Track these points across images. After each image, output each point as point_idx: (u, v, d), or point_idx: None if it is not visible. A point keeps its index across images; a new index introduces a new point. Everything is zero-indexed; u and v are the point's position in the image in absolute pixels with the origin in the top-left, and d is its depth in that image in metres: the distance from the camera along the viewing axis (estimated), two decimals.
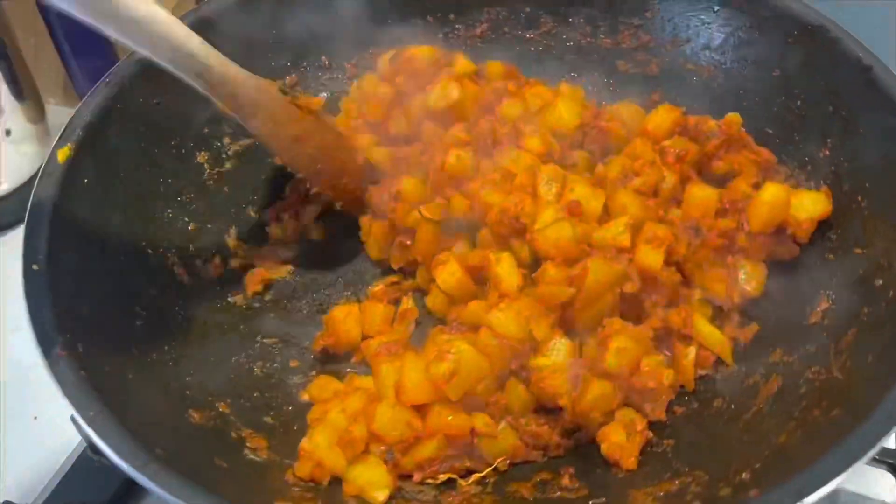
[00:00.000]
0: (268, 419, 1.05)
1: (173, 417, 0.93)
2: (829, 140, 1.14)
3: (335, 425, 0.97)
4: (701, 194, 1.12)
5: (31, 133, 1.56)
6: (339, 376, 1.13)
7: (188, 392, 1.00)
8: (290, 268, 1.28)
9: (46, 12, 1.51)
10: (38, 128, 1.56)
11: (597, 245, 1.04)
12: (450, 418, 0.96)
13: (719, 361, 1.08)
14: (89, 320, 0.93)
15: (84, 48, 1.55)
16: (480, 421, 0.98)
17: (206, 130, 1.28)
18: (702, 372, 1.07)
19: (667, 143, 1.15)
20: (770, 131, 1.23)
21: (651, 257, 1.04)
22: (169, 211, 1.19)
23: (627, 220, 1.04)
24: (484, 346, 0.98)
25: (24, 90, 1.51)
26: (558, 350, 0.98)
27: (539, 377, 0.97)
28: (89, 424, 0.79)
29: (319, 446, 0.95)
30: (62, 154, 1.05)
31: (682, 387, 1.06)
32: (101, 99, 1.13)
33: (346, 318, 1.15)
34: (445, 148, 1.15)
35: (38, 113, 1.57)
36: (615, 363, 0.98)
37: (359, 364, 1.15)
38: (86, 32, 1.56)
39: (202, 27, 1.23)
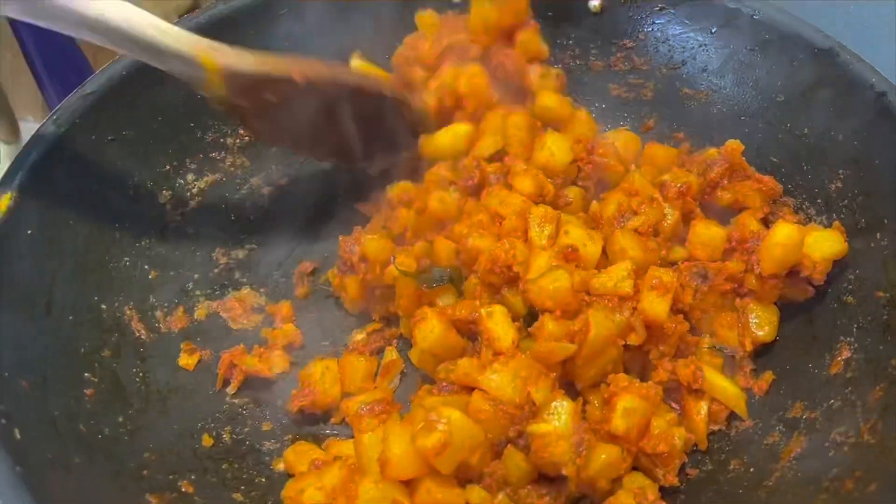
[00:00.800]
0: (237, 496, 0.94)
1: None
2: (840, 171, 1.06)
3: None
4: (707, 233, 1.04)
5: (5, 153, 1.47)
6: (318, 440, 1.03)
7: (145, 472, 0.89)
8: (261, 317, 1.17)
9: (16, 26, 1.40)
10: (11, 148, 1.47)
11: (597, 293, 0.95)
12: (440, 495, 0.85)
13: (734, 416, 0.99)
14: (30, 398, 0.83)
15: (57, 63, 1.45)
16: (475, 495, 0.88)
17: (167, 167, 1.17)
18: (714, 427, 0.99)
19: (666, 177, 1.06)
20: (775, 160, 1.15)
21: (656, 306, 0.95)
22: (126, 259, 1.08)
23: (629, 265, 0.95)
24: (477, 412, 0.88)
25: None
26: (559, 414, 0.88)
27: (540, 444, 0.87)
28: None
29: None
30: (1, 204, 0.94)
31: (694, 445, 0.97)
32: (48, 138, 1.02)
33: (323, 376, 1.05)
34: (427, 188, 1.06)
35: (11, 132, 1.48)
36: (623, 425, 0.89)
37: (339, 425, 1.05)
38: (57, 48, 1.48)
39: None
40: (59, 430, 0.83)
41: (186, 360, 1.07)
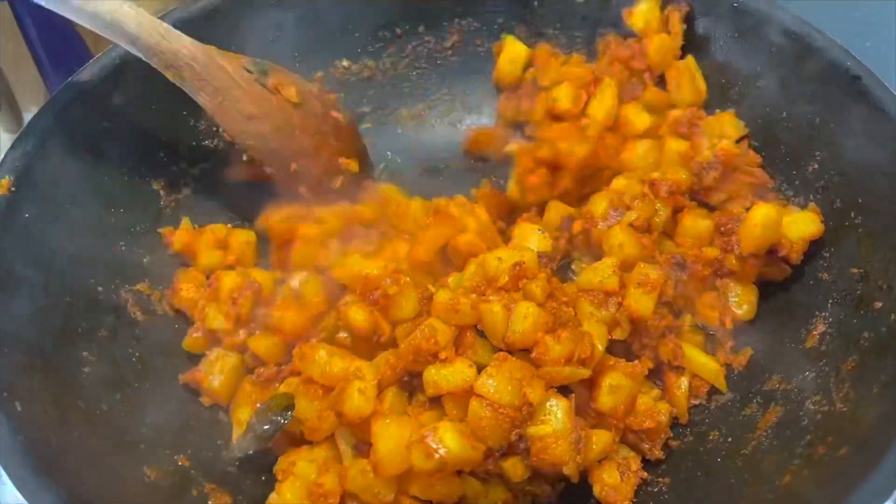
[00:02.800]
0: (232, 469, 0.97)
1: (125, 478, 0.85)
2: (817, 153, 1.09)
3: (304, 477, 0.89)
4: (695, 226, 1.06)
5: (9, 143, 1.47)
6: None
7: (143, 446, 0.91)
8: None
9: (19, 15, 1.41)
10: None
11: (583, 288, 0.97)
12: (436, 486, 0.87)
13: (714, 390, 1.02)
14: (29, 373, 0.85)
15: (59, 52, 1.45)
16: (471, 488, 0.90)
17: (161, 154, 1.20)
18: (695, 402, 1.02)
19: (656, 174, 1.07)
20: (755, 144, 1.18)
21: (642, 303, 0.96)
22: (122, 243, 1.11)
23: (615, 261, 0.97)
24: (479, 420, 0.85)
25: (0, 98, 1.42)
26: (555, 413, 0.86)
27: (540, 447, 0.86)
28: (26, 497, 0.70)
29: None
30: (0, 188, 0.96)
31: (675, 419, 1.00)
32: (44, 125, 1.05)
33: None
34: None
35: (15, 122, 1.47)
36: (609, 402, 0.91)
37: None
38: (60, 37, 1.48)
39: None
40: (59, 404, 0.86)
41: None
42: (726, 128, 1.12)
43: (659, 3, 1.23)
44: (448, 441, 0.84)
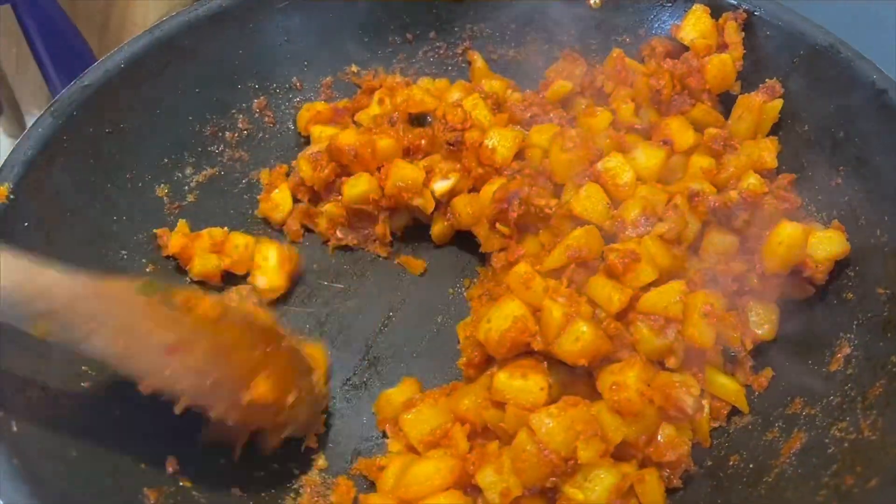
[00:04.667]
0: (237, 490, 0.94)
1: (124, 500, 0.82)
2: (841, 168, 1.06)
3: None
4: (723, 242, 1.02)
5: (10, 147, 1.46)
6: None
7: (143, 465, 0.88)
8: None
9: (21, 18, 1.39)
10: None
11: (644, 311, 0.92)
12: None
13: (733, 413, 0.99)
14: (25, 390, 0.82)
15: (62, 56, 1.43)
16: None
17: (165, 161, 1.17)
18: (715, 424, 0.98)
19: (696, 186, 1.02)
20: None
21: (706, 334, 0.92)
22: (123, 252, 1.08)
23: (682, 286, 0.92)
24: (521, 452, 0.83)
25: (1, 102, 1.41)
26: (597, 485, 0.84)
27: None
28: None
29: None
30: None
31: (695, 442, 0.96)
32: (45, 130, 1.02)
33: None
34: None
35: (17, 126, 1.46)
36: (632, 434, 0.87)
37: None
38: (62, 40, 1.46)
39: (164, 46, 1.15)
40: (57, 423, 0.83)
41: None
42: (764, 153, 1.08)
43: (708, 11, 1.17)
44: (487, 478, 0.84)
